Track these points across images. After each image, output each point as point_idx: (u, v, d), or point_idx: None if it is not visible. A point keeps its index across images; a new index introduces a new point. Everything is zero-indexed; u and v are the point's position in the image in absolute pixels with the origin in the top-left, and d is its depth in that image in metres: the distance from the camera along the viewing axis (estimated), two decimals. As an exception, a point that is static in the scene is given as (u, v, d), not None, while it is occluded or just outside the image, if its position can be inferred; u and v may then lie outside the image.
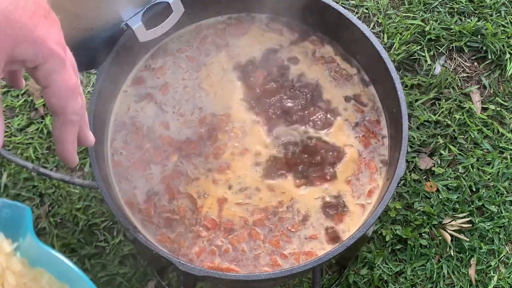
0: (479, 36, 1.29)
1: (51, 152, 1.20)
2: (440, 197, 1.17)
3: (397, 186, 0.83)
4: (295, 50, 0.97)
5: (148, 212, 0.88)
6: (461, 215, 1.16)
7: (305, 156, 0.91)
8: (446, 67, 1.28)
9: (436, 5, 1.32)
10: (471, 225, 1.16)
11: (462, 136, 1.22)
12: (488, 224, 1.16)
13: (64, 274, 0.68)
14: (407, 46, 1.28)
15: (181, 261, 0.77)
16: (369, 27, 1.30)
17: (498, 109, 1.25)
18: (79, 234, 1.14)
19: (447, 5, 1.32)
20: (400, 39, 1.28)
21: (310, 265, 0.77)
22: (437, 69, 1.28)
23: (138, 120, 0.93)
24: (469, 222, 1.16)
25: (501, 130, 1.23)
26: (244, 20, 0.99)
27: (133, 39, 0.84)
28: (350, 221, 0.87)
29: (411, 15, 1.32)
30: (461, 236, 1.15)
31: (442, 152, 1.21)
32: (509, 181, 1.20)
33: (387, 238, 1.13)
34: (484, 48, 1.29)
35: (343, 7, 1.09)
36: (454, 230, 1.15)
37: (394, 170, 0.82)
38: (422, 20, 1.30)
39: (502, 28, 1.30)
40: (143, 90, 0.94)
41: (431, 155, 1.21)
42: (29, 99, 1.24)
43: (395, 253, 1.15)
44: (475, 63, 1.29)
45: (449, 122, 1.23)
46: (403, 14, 1.32)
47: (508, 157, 1.21)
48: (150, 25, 0.84)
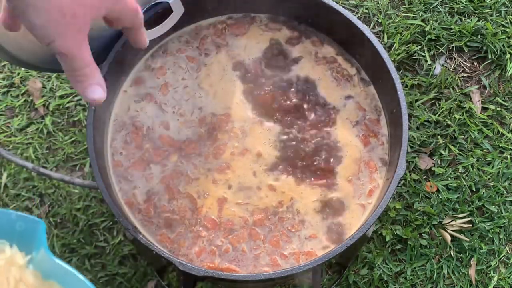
0: (479, 36, 1.29)
1: (51, 152, 1.20)
2: (440, 197, 1.17)
3: (397, 186, 0.83)
4: (295, 50, 0.97)
5: (148, 212, 0.88)
6: (461, 215, 1.16)
7: (305, 156, 0.90)
8: (446, 67, 1.28)
9: (436, 5, 1.32)
10: (471, 225, 1.16)
11: (462, 136, 1.22)
12: (488, 224, 1.16)
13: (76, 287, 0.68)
14: (407, 46, 1.28)
15: (181, 261, 0.77)
16: (369, 27, 1.30)
17: (498, 109, 1.24)
18: (79, 234, 1.14)
19: (447, 5, 1.32)
20: (400, 39, 1.28)
21: (310, 265, 0.77)
22: (437, 69, 1.28)
23: (138, 120, 0.93)
24: (469, 222, 1.16)
25: (501, 130, 1.23)
26: (244, 20, 0.99)
27: (133, 39, 0.84)
28: (350, 221, 0.87)
29: (411, 15, 1.31)
30: (461, 236, 1.15)
31: (442, 152, 1.21)
32: (509, 181, 1.20)
33: (387, 238, 1.13)
34: (484, 48, 1.29)
35: (343, 7, 1.09)
36: (454, 230, 1.15)
37: (394, 170, 0.82)
38: (422, 20, 1.30)
39: (502, 28, 1.30)
40: (143, 90, 0.94)
41: (431, 155, 1.21)
42: (29, 99, 1.24)
43: (395, 253, 1.15)
44: (475, 63, 1.29)
45: (449, 122, 1.23)
46: (403, 14, 1.32)
47: (508, 157, 1.21)
48: (150, 25, 0.84)
